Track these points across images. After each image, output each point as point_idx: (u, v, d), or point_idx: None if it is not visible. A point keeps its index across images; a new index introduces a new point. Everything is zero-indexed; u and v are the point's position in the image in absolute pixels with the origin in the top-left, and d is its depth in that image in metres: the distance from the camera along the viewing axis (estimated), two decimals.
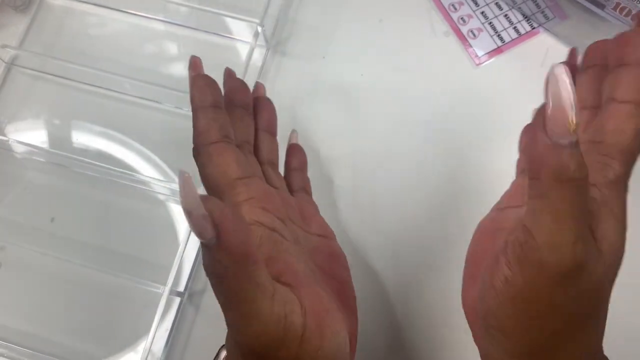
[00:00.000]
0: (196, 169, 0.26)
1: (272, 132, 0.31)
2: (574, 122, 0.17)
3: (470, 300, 0.24)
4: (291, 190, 0.31)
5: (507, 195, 0.27)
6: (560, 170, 0.18)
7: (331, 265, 0.27)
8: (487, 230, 0.25)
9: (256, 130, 0.30)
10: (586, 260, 0.19)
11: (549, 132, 0.18)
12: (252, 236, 0.23)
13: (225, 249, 0.18)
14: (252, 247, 0.19)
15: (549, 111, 0.18)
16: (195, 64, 0.28)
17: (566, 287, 0.19)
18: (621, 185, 0.22)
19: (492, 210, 0.27)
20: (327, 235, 0.29)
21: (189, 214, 0.17)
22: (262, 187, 0.26)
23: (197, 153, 0.26)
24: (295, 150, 0.33)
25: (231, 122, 0.27)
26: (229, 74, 0.31)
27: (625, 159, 0.22)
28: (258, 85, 0.33)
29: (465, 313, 0.24)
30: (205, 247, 0.18)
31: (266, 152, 0.30)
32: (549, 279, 0.19)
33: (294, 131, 0.34)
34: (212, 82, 0.27)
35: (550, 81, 0.17)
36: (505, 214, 0.25)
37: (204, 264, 0.19)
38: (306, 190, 0.32)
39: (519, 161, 0.29)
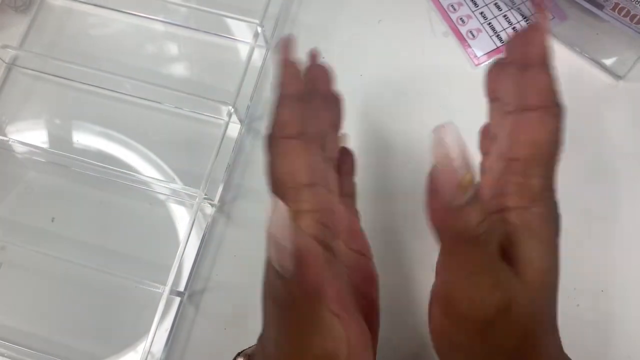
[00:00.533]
0: (196, 167, 0.26)
1: (340, 128, 0.30)
2: (467, 179, 0.17)
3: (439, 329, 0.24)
4: (340, 195, 0.30)
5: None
6: (461, 232, 0.18)
7: (364, 284, 0.26)
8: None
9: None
10: (508, 302, 0.19)
11: (441, 196, 0.17)
12: (325, 270, 0.22)
13: (301, 283, 0.18)
14: (324, 283, 0.19)
15: (437, 175, 0.17)
16: (286, 45, 0.26)
17: (494, 329, 0.19)
18: (545, 200, 0.22)
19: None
20: (366, 254, 0.28)
21: (275, 243, 0.17)
22: (325, 198, 0.25)
23: (271, 144, 0.25)
24: (345, 155, 0.31)
25: (309, 113, 0.26)
26: (314, 56, 0.29)
27: (545, 171, 0.22)
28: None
29: (435, 342, 0.24)
30: (277, 274, 0.18)
31: (332, 150, 0.28)
32: (474, 328, 0.19)
33: (345, 134, 0.33)
34: (299, 71, 0.26)
35: (434, 143, 0.17)
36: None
37: (268, 289, 0.19)
38: (352, 197, 0.30)
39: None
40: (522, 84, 0.23)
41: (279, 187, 0.24)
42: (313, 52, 0.29)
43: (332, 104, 0.29)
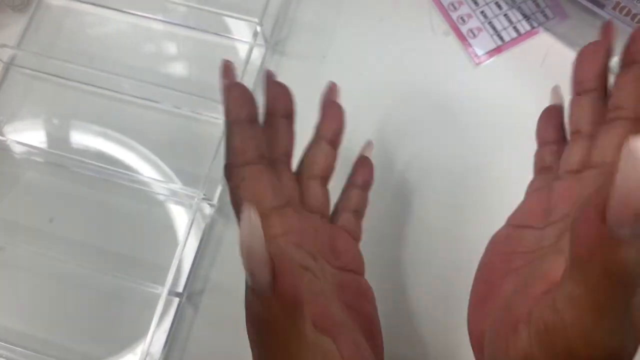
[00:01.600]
0: (195, 167, 0.26)
1: (335, 144, 0.28)
2: None
3: (476, 324, 0.23)
4: (343, 209, 0.28)
5: (523, 209, 0.25)
6: (614, 268, 0.15)
7: (357, 300, 0.25)
8: (500, 250, 0.24)
9: (318, 139, 0.28)
10: (621, 350, 0.17)
11: (608, 219, 0.14)
12: (303, 284, 0.21)
13: (280, 296, 0.17)
14: (302, 296, 0.18)
15: (615, 193, 0.14)
16: (227, 70, 0.26)
17: None
18: None
19: (507, 224, 0.25)
20: (357, 270, 0.27)
21: (250, 255, 0.16)
22: (296, 218, 0.24)
23: (230, 173, 0.24)
24: (363, 166, 0.30)
25: (270, 134, 0.26)
26: (269, 76, 0.28)
27: None
28: (332, 88, 0.30)
29: (470, 333, 0.23)
30: (255, 292, 0.17)
31: (320, 167, 0.27)
32: None
33: (369, 143, 0.31)
34: (247, 92, 0.25)
35: (623, 157, 0.13)
36: (521, 234, 0.23)
37: (248, 309, 0.18)
38: (358, 212, 0.29)
39: (537, 158, 0.26)
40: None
41: None
42: (268, 73, 0.28)
43: (327, 116, 0.28)
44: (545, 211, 0.23)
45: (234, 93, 0.24)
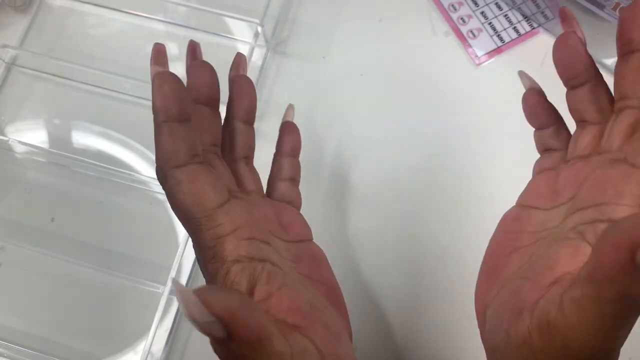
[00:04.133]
0: None
1: (250, 121, 0.27)
2: None
3: (481, 296, 0.23)
4: (279, 179, 0.28)
5: (532, 190, 0.25)
6: (631, 296, 0.15)
7: (315, 269, 0.25)
8: (509, 228, 0.24)
9: (231, 119, 0.26)
10: (614, 351, 0.18)
11: (638, 260, 0.14)
12: (262, 314, 0.20)
13: (239, 340, 0.17)
14: (265, 325, 0.18)
15: None
16: (158, 55, 0.23)
17: None
18: None
19: (517, 204, 0.25)
20: (306, 237, 0.27)
21: (195, 322, 0.16)
22: (243, 209, 0.23)
23: (164, 177, 0.22)
24: (289, 131, 0.29)
25: (198, 124, 0.24)
26: (192, 51, 0.26)
27: None
28: (237, 60, 0.28)
29: (476, 304, 0.24)
30: (216, 342, 0.17)
31: (241, 148, 0.26)
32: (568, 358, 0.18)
33: (290, 106, 0.30)
34: (178, 85, 0.22)
35: None
36: (530, 215, 0.24)
37: (216, 352, 0.18)
38: (294, 179, 0.29)
39: (537, 139, 0.26)
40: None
41: (188, 220, 0.22)
42: (191, 46, 0.26)
43: (237, 95, 0.26)
44: (551, 193, 0.23)
45: (165, 88, 0.22)
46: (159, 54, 0.23)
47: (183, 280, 0.36)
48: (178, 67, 0.42)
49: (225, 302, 0.16)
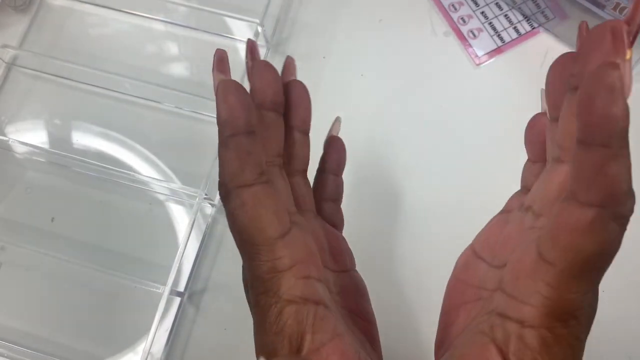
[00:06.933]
0: (196, 167, 0.25)
1: (307, 131, 0.25)
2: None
3: (437, 350, 0.23)
4: (323, 199, 0.26)
5: (484, 235, 0.23)
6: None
7: (358, 302, 0.24)
8: (459, 278, 0.23)
9: (289, 129, 0.24)
10: None
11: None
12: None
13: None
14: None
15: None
16: (221, 62, 0.22)
17: None
18: (579, 319, 0.18)
19: (470, 246, 0.24)
20: (351, 267, 0.26)
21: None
22: (301, 241, 0.21)
23: (227, 195, 0.21)
24: (335, 148, 0.27)
25: (263, 133, 0.22)
26: (251, 52, 0.24)
27: (586, 285, 0.18)
28: (288, 64, 0.25)
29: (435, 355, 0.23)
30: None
31: (299, 161, 0.25)
32: None
33: (337, 120, 0.28)
34: (244, 95, 0.21)
35: None
36: (476, 266, 0.22)
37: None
38: (337, 200, 0.27)
39: (522, 174, 0.24)
40: (583, 171, 0.16)
41: (247, 245, 0.21)
42: (250, 44, 0.24)
43: (294, 103, 0.25)
44: (496, 245, 0.22)
45: (231, 99, 0.20)
46: (222, 61, 0.22)
47: (183, 281, 0.36)
48: (178, 67, 0.42)
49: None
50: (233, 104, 0.20)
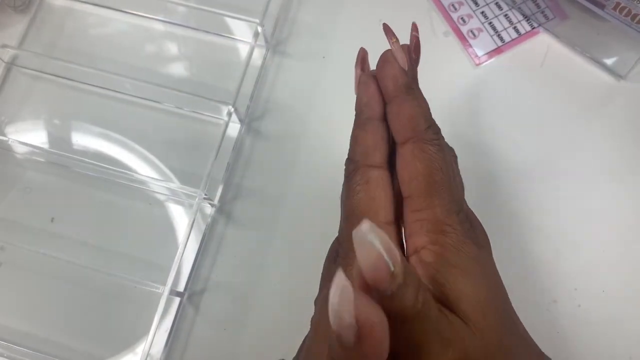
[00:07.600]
0: (196, 167, 0.25)
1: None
2: (396, 269, 0.15)
3: None
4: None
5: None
6: (400, 314, 0.17)
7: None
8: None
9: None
10: (463, 356, 0.18)
11: (376, 290, 0.16)
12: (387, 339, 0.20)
13: (363, 355, 0.16)
14: (384, 355, 0.17)
15: (366, 276, 0.16)
16: (363, 60, 0.25)
17: None
18: (454, 225, 0.21)
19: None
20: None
21: (339, 321, 0.15)
22: (393, 237, 0.23)
23: (354, 171, 0.22)
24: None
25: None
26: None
27: (441, 198, 0.21)
28: (362, 55, 0.27)
29: None
30: (338, 339, 0.16)
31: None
32: None
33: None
34: (379, 89, 0.24)
35: (356, 245, 0.15)
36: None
37: (330, 353, 0.17)
38: None
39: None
40: (390, 121, 0.22)
41: (356, 220, 0.21)
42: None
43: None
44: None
45: (372, 88, 0.24)
46: (363, 60, 0.25)
47: (183, 281, 0.36)
48: (178, 67, 0.42)
49: (374, 315, 0.16)
50: (374, 92, 0.24)
